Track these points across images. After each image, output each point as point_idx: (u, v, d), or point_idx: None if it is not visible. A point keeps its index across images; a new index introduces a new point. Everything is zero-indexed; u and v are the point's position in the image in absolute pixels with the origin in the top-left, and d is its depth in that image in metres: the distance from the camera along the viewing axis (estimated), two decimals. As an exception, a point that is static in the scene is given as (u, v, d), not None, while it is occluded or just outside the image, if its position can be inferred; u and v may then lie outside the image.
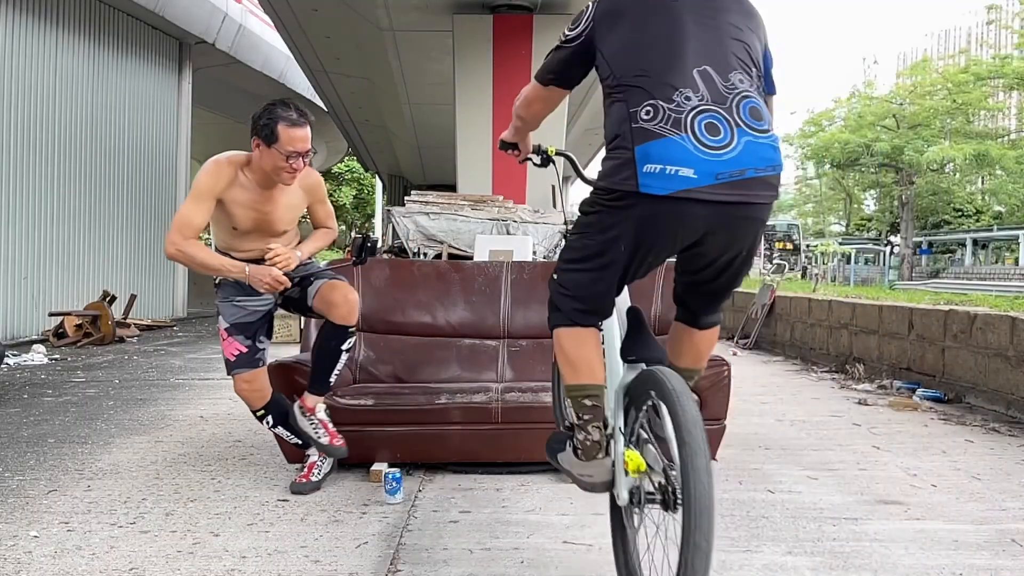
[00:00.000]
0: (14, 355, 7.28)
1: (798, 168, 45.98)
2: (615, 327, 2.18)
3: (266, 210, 2.96)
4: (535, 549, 2.57)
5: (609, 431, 2.03)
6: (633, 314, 2.19)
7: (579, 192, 29.97)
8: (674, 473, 1.76)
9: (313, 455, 3.27)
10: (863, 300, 7.06)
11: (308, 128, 2.86)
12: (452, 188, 10.58)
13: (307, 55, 13.37)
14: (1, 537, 2.62)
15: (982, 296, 6.96)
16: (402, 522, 2.81)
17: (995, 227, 36.53)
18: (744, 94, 1.88)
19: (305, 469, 3.25)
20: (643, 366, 2.05)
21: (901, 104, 33.45)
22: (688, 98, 1.84)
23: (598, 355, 2.10)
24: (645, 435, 1.93)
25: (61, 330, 8.73)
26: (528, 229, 8.03)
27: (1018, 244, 34.81)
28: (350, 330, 3.07)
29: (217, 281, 3.09)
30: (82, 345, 8.44)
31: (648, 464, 1.89)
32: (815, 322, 7.68)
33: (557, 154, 2.56)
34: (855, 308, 6.88)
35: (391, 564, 2.43)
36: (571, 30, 2.07)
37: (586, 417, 2.01)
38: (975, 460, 3.76)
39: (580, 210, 2.07)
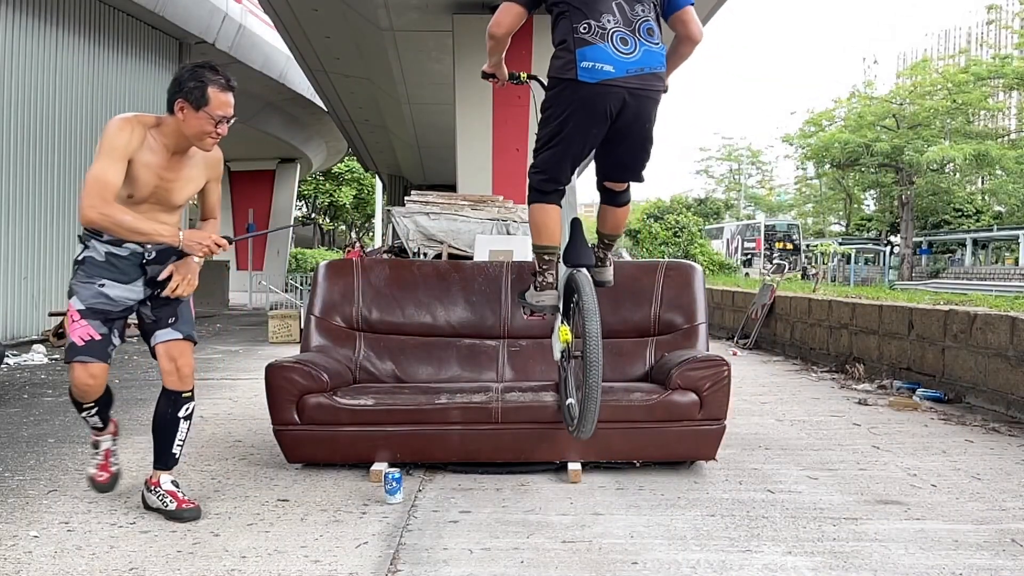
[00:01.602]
0: (14, 355, 7.28)
1: (798, 168, 46.03)
2: (569, 215, 3.25)
3: (169, 178, 2.78)
4: (535, 549, 2.57)
5: (557, 279, 3.20)
6: (575, 224, 3.25)
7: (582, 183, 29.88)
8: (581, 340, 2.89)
9: (105, 443, 3.08)
10: (863, 300, 7.05)
11: (233, 93, 2.79)
12: (452, 188, 10.58)
13: (307, 55, 13.37)
14: (1, 537, 2.62)
15: (982, 296, 6.96)
16: (402, 522, 2.81)
17: (995, 227, 36.52)
18: (643, 19, 2.89)
19: (102, 459, 3.05)
20: (573, 270, 3.08)
21: (901, 104, 33.47)
22: (609, 20, 2.85)
23: (558, 226, 3.17)
24: (573, 315, 3.09)
25: (61, 330, 8.72)
26: (528, 229, 8.03)
27: (1018, 244, 34.80)
28: (184, 395, 2.89)
29: (80, 257, 2.81)
30: (82, 345, 8.43)
31: (572, 335, 3.06)
32: (815, 322, 7.68)
33: (528, 77, 3.37)
34: (855, 308, 6.88)
35: (391, 564, 2.43)
36: None
37: (545, 267, 3.18)
38: (975, 460, 3.76)
39: (541, 111, 3.06)
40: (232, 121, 2.78)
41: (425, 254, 8.69)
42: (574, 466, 3.36)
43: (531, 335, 4.07)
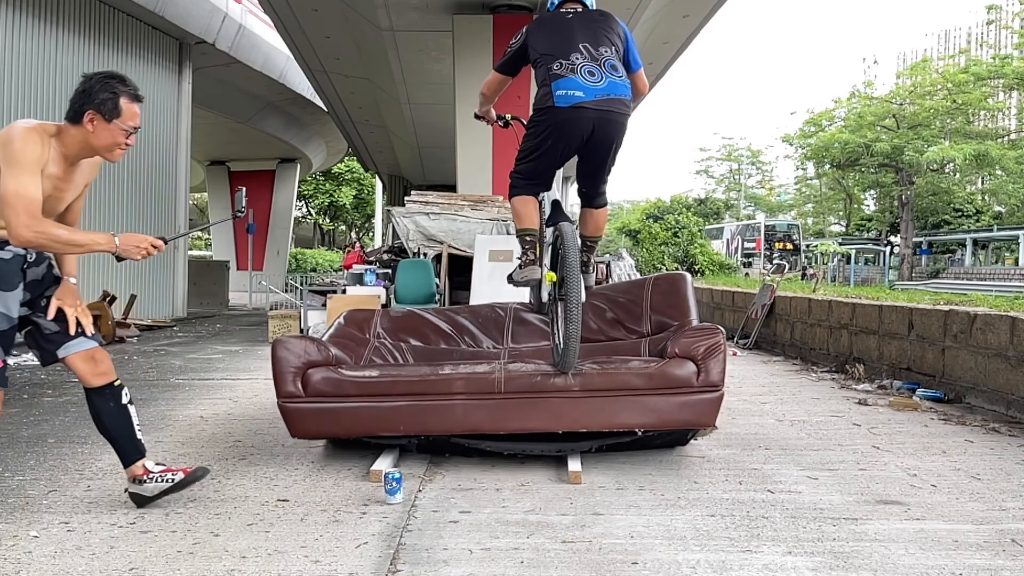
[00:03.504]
0: (14, 355, 7.26)
1: (798, 168, 46.01)
2: (547, 205, 3.90)
3: (61, 187, 2.70)
4: (535, 549, 2.57)
5: (538, 256, 3.75)
6: (555, 203, 3.92)
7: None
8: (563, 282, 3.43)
9: None
10: (863, 300, 7.05)
11: (140, 105, 2.76)
12: (452, 188, 10.58)
13: (307, 55, 13.37)
14: (1, 537, 2.62)
15: (982, 296, 6.95)
16: (402, 522, 2.81)
17: (995, 227, 36.51)
18: (607, 57, 3.49)
19: None
20: (556, 227, 3.67)
21: (901, 104, 33.46)
22: (578, 58, 3.46)
23: (536, 213, 3.74)
24: (557, 262, 3.60)
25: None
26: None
27: (1018, 244, 34.79)
28: (116, 384, 2.86)
29: None
30: (82, 345, 8.43)
31: (557, 278, 3.55)
32: (815, 322, 7.68)
33: (512, 118, 4.19)
34: (855, 308, 6.88)
35: (391, 564, 2.43)
36: (515, 40, 3.73)
37: (527, 247, 3.71)
38: (975, 460, 3.76)
39: (526, 129, 3.65)
40: (137, 131, 2.76)
41: (425, 254, 8.69)
42: (574, 467, 3.36)
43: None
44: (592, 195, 3.82)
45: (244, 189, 3.40)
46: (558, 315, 3.62)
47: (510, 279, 3.82)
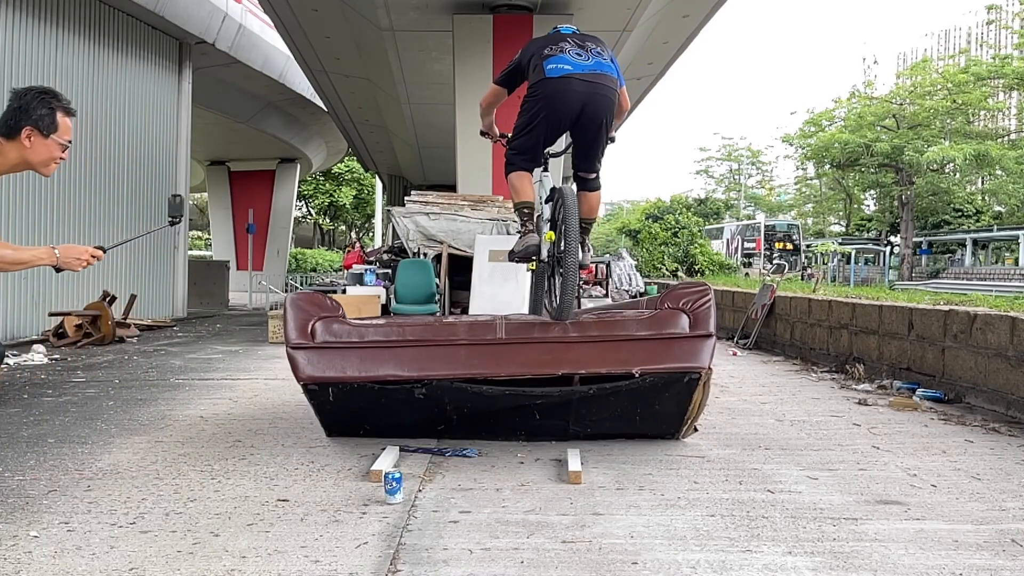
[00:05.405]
0: (14, 355, 7.27)
1: (798, 168, 46.02)
2: (544, 190, 4.23)
3: None
4: (535, 549, 2.57)
5: (535, 227, 4.12)
6: (552, 187, 4.19)
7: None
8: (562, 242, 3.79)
9: None
10: (863, 300, 7.05)
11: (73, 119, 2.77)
12: (452, 188, 10.58)
13: (307, 55, 13.38)
14: (1, 537, 2.61)
15: (982, 296, 6.95)
16: (402, 522, 2.81)
17: (995, 227, 36.52)
18: (593, 48, 3.91)
19: None
20: (557, 190, 4.02)
21: (901, 104, 33.47)
22: (566, 46, 3.88)
23: (531, 188, 4.13)
24: (558, 222, 3.92)
25: (61, 330, 8.73)
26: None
27: (1018, 244, 34.80)
28: None
29: None
30: (82, 345, 8.44)
31: (556, 237, 3.90)
32: (815, 322, 7.68)
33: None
34: (855, 308, 6.88)
35: (391, 564, 2.43)
36: (513, 59, 4.11)
37: (524, 219, 4.11)
38: (975, 460, 3.76)
39: (520, 107, 3.95)
40: (70, 145, 2.77)
41: (425, 254, 8.70)
42: (574, 467, 3.36)
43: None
44: (586, 177, 4.13)
45: (181, 196, 3.49)
46: (556, 270, 3.85)
47: (511, 255, 4.09)
